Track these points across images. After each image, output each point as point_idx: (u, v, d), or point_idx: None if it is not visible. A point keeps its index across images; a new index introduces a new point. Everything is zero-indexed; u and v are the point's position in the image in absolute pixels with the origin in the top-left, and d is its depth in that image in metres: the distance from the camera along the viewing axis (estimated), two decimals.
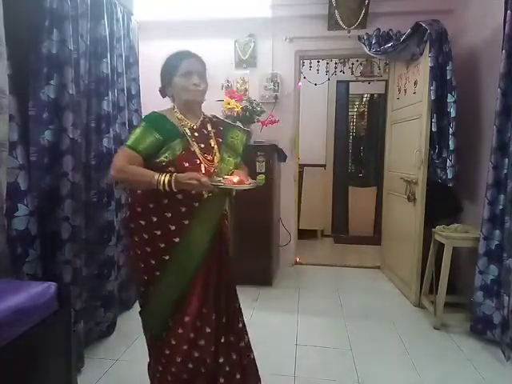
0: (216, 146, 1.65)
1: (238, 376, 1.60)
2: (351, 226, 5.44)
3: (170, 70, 1.71)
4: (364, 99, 5.70)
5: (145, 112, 2.91)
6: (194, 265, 1.52)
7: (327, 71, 4.66)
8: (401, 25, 3.14)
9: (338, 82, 5.20)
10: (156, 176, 1.40)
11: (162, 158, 1.50)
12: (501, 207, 2.26)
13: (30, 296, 1.40)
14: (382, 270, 3.77)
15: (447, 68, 2.67)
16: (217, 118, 1.85)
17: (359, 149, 5.77)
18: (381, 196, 4.26)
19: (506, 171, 2.22)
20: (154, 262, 1.52)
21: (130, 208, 1.60)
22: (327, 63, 4.61)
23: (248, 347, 1.71)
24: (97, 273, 2.23)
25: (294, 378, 1.99)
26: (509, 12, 2.14)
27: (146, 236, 1.52)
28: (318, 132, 5.32)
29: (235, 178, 1.50)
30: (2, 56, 1.61)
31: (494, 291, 2.30)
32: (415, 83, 3.05)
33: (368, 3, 3.35)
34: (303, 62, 4.03)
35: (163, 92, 1.80)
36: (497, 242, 2.29)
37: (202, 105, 1.75)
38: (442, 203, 2.99)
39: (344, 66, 4.62)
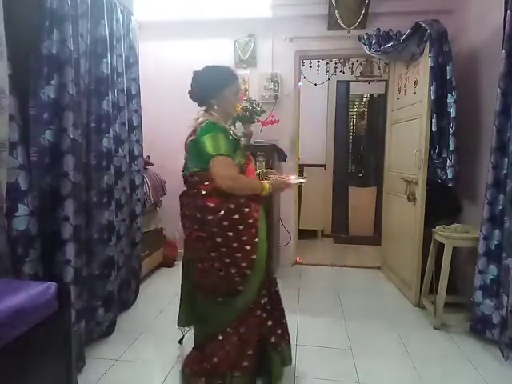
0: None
1: (278, 331, 1.87)
2: (351, 226, 5.44)
3: (222, 81, 1.84)
4: (364, 99, 5.70)
5: (144, 112, 2.91)
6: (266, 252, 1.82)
7: (327, 71, 4.66)
8: (401, 25, 3.15)
9: (337, 82, 5.20)
10: (260, 184, 1.76)
11: (240, 160, 1.79)
12: (500, 207, 2.26)
13: (30, 296, 1.40)
14: (382, 270, 3.77)
15: (447, 68, 2.67)
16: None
17: (359, 149, 5.77)
18: (381, 196, 4.26)
19: (505, 171, 2.22)
20: (249, 247, 1.73)
21: (218, 209, 1.70)
22: (327, 63, 4.61)
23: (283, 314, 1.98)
24: (97, 273, 2.23)
25: (293, 377, 1.99)
26: (509, 12, 2.14)
27: (241, 227, 1.71)
28: (318, 132, 5.32)
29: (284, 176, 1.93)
30: (2, 56, 1.61)
31: (493, 291, 2.31)
32: (415, 83, 3.05)
33: (368, 3, 3.36)
34: (303, 62, 4.03)
35: (203, 100, 1.93)
36: (496, 242, 2.29)
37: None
38: (442, 203, 2.99)
39: (344, 66, 4.62)
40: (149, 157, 3.56)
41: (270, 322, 1.83)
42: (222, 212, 1.68)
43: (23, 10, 1.79)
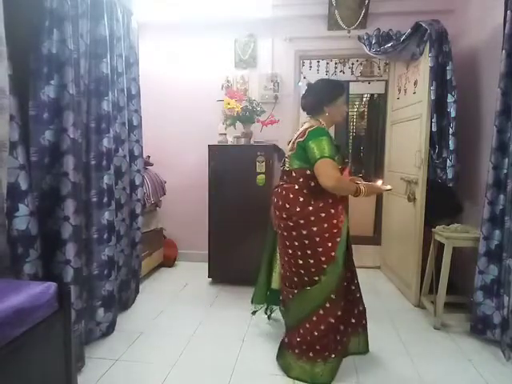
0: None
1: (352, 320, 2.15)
2: (351, 226, 5.39)
3: (338, 91, 2.08)
4: (364, 99, 5.70)
5: (144, 112, 2.91)
6: (347, 243, 2.09)
7: (327, 71, 4.67)
8: (401, 25, 3.15)
9: None
10: (356, 187, 1.93)
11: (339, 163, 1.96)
12: (501, 207, 2.25)
13: (31, 296, 1.40)
14: (382, 270, 3.77)
15: (447, 68, 2.67)
16: None
17: (359, 149, 5.77)
18: (381, 196, 4.26)
19: (506, 171, 2.21)
20: (330, 244, 1.95)
21: (307, 204, 1.95)
22: (327, 63, 4.62)
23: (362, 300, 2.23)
24: (97, 273, 2.23)
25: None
26: (509, 12, 2.14)
27: (325, 224, 1.94)
28: None
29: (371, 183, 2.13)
30: (2, 56, 1.61)
31: (493, 291, 2.30)
32: (415, 83, 3.05)
33: (368, 3, 3.36)
34: (303, 62, 4.03)
35: (316, 107, 2.08)
36: (497, 242, 2.29)
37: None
38: (442, 203, 2.99)
39: (344, 66, 4.63)
40: (149, 157, 3.56)
41: (356, 311, 2.14)
42: (311, 208, 1.93)
43: (23, 9, 1.80)
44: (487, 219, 2.31)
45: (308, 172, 1.95)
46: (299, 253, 1.97)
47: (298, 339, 1.98)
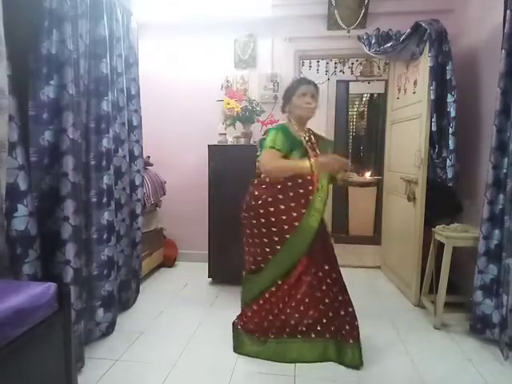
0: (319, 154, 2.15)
1: (347, 327, 2.09)
2: (351, 226, 5.43)
3: (290, 90, 2.17)
4: (364, 99, 5.70)
5: (144, 112, 2.92)
6: (306, 242, 2.07)
7: (327, 71, 4.66)
8: (401, 25, 3.14)
9: (337, 81, 5.20)
10: (301, 163, 2.01)
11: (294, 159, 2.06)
12: (500, 207, 2.25)
13: (30, 296, 1.41)
14: (382, 270, 3.77)
15: (447, 68, 2.67)
16: (311, 130, 2.30)
17: (359, 148, 5.77)
18: (381, 196, 4.26)
19: (505, 171, 2.21)
20: (277, 239, 2.06)
21: (257, 198, 2.09)
22: (327, 63, 4.61)
23: (349, 301, 2.19)
24: (96, 273, 2.23)
25: (293, 377, 1.99)
26: (508, 11, 2.14)
27: (273, 218, 2.05)
28: (318, 132, 5.31)
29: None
30: (1, 56, 1.61)
31: (493, 291, 2.30)
32: (415, 83, 3.05)
33: (368, 3, 3.36)
34: (303, 62, 4.03)
35: (283, 109, 2.27)
36: (496, 242, 2.29)
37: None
38: (442, 203, 2.99)
39: (344, 65, 4.62)
40: (149, 157, 3.56)
41: (330, 314, 2.10)
42: (260, 201, 2.07)
43: (23, 10, 1.80)
44: (487, 219, 2.31)
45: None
46: (257, 240, 2.14)
47: (245, 319, 2.21)
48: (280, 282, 2.11)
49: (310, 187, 2.07)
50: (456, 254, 2.60)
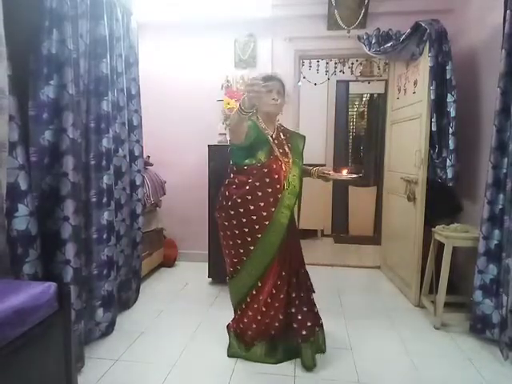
0: (289, 151, 2.14)
1: (308, 323, 2.10)
2: (351, 226, 5.44)
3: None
4: (364, 99, 5.70)
5: (144, 112, 2.92)
6: (278, 240, 2.03)
7: (327, 71, 4.67)
8: (401, 24, 3.14)
9: (337, 81, 5.21)
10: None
11: (260, 158, 2.03)
12: (500, 206, 2.26)
13: (31, 296, 1.40)
14: (382, 270, 3.77)
15: (447, 67, 2.67)
16: (283, 126, 2.30)
17: (359, 148, 5.77)
18: (381, 195, 4.26)
19: (505, 171, 2.22)
20: (249, 239, 2.03)
21: (228, 198, 2.06)
22: (327, 63, 4.61)
23: (312, 301, 2.20)
24: (96, 273, 2.23)
25: (293, 377, 1.99)
26: (508, 11, 2.14)
27: (244, 219, 2.02)
28: (318, 132, 5.32)
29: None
30: (1, 56, 1.61)
31: (493, 291, 2.31)
32: (415, 83, 3.05)
33: (368, 3, 3.35)
34: (303, 62, 4.03)
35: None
36: (496, 242, 2.29)
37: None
38: (442, 203, 2.99)
39: (344, 65, 4.63)
40: (148, 157, 3.56)
41: (300, 316, 2.08)
42: (230, 202, 2.05)
43: (23, 9, 1.79)
44: (487, 219, 2.31)
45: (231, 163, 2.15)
46: (230, 242, 2.12)
47: (234, 323, 2.22)
48: (260, 284, 2.08)
49: (278, 186, 2.04)
50: (456, 253, 2.60)
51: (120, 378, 1.96)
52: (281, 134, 2.19)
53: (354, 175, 2.16)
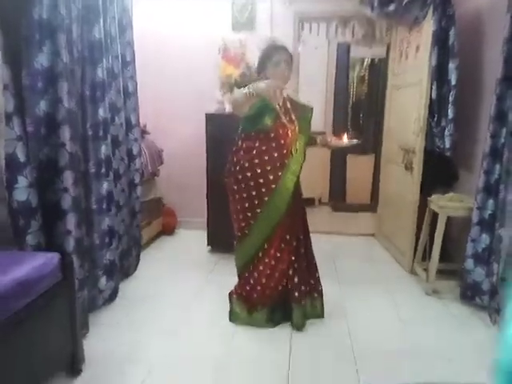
0: (295, 119, 2.17)
1: (302, 288, 2.21)
2: (349, 194, 5.47)
3: (264, 58, 2.15)
4: (365, 63, 5.56)
5: (140, 78, 2.84)
6: (283, 205, 2.09)
7: (327, 33, 4.51)
8: None
9: (338, 44, 5.06)
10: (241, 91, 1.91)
11: (267, 123, 2.07)
12: (496, 177, 2.26)
13: (34, 267, 1.44)
14: (378, 238, 3.84)
15: (450, 32, 2.60)
16: (289, 96, 2.28)
17: (359, 115, 5.69)
18: (379, 163, 4.26)
19: (503, 140, 2.21)
20: (257, 202, 2.09)
21: (236, 164, 2.12)
22: (328, 25, 4.45)
23: (315, 267, 2.35)
24: (98, 242, 2.26)
25: (289, 338, 2.08)
26: None
27: (251, 183, 2.08)
28: (317, 98, 5.21)
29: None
30: None
31: (484, 259, 2.36)
32: (417, 48, 2.97)
33: None
34: (303, 25, 3.90)
35: (258, 72, 2.24)
36: (490, 212, 2.32)
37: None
38: (439, 172, 3.00)
39: (345, 28, 4.47)
40: (145, 125, 3.51)
41: (296, 279, 2.17)
42: (238, 167, 2.12)
43: None
44: (482, 189, 2.33)
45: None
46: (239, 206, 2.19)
47: (238, 287, 2.30)
48: (266, 247, 2.14)
49: (285, 151, 2.09)
50: (450, 222, 2.64)
51: (124, 342, 2.04)
52: (287, 102, 2.20)
53: (355, 140, 2.28)
